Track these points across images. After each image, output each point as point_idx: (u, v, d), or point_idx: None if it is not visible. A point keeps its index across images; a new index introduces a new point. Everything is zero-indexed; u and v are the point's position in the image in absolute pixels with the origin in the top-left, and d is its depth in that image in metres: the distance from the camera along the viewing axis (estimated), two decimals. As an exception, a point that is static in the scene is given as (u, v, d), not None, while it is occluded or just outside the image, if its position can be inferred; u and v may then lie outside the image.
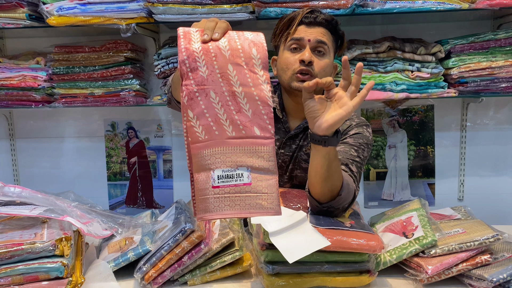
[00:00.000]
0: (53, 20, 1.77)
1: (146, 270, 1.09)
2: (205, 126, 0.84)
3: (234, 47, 0.85)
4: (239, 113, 0.85)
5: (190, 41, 0.85)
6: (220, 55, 0.84)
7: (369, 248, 1.03)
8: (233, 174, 0.84)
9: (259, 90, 0.85)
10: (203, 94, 0.84)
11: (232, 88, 0.84)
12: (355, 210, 1.25)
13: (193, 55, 0.84)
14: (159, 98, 1.94)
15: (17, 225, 1.12)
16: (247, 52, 0.85)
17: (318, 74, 1.28)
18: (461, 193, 2.18)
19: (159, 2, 1.71)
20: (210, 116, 0.84)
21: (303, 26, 1.29)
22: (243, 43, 0.86)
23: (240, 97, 0.85)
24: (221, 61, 0.84)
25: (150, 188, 2.30)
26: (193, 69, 0.84)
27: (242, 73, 0.85)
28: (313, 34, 1.27)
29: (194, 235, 1.09)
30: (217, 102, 0.84)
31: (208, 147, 0.84)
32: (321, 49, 1.29)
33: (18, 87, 1.97)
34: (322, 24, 1.29)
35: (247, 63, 0.85)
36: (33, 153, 2.32)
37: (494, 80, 1.79)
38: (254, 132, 0.85)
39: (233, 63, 0.84)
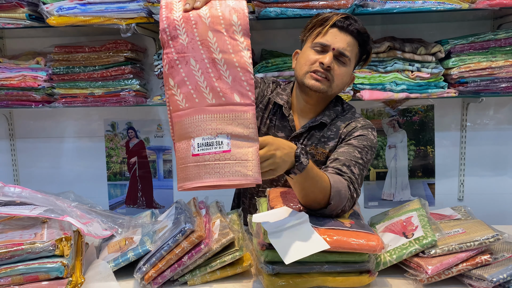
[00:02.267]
0: (53, 20, 1.77)
1: (146, 270, 1.09)
2: (185, 94, 0.84)
3: (215, 14, 0.84)
4: (219, 80, 0.83)
5: (171, 10, 0.86)
6: (201, 22, 0.85)
7: (369, 248, 1.03)
8: (212, 141, 0.84)
9: (239, 57, 0.84)
10: (183, 62, 0.84)
11: (212, 55, 0.83)
12: (355, 210, 1.25)
13: (174, 24, 0.85)
14: (159, 98, 1.94)
15: (17, 225, 1.12)
16: (228, 18, 0.84)
17: (334, 80, 1.29)
18: (461, 193, 2.18)
19: (159, 2, 1.71)
20: (191, 84, 0.84)
21: (335, 30, 1.28)
22: (224, 10, 0.84)
23: (220, 64, 0.84)
24: (201, 29, 0.83)
25: (150, 188, 2.30)
26: (173, 37, 0.85)
27: (222, 40, 0.83)
28: (339, 43, 1.27)
29: (194, 235, 1.09)
30: (197, 70, 0.83)
31: (189, 115, 0.84)
32: (343, 60, 1.29)
33: (18, 87, 1.97)
34: (353, 33, 1.28)
35: (227, 30, 0.84)
36: (33, 153, 2.32)
37: (494, 80, 1.80)
38: (234, 99, 0.84)
39: (213, 30, 0.83)
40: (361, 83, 1.82)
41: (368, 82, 1.81)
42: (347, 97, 1.82)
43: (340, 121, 1.38)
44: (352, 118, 1.39)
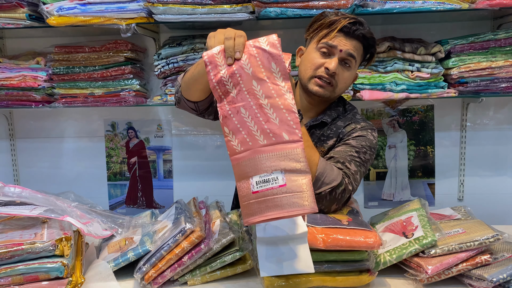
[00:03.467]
0: (53, 20, 1.77)
1: (146, 270, 1.09)
2: (240, 140, 0.95)
3: (255, 64, 0.95)
4: (268, 122, 0.94)
5: (216, 67, 0.96)
6: (244, 74, 0.95)
7: (367, 245, 1.04)
8: (269, 178, 0.92)
9: (283, 100, 0.95)
10: (235, 111, 0.95)
11: (258, 101, 0.95)
12: (354, 207, 1.25)
13: (222, 81, 0.96)
14: (159, 98, 1.94)
15: (17, 225, 1.12)
16: (267, 67, 0.95)
17: (338, 85, 1.31)
18: (461, 193, 2.18)
19: (159, 2, 1.71)
20: (243, 129, 0.95)
21: (341, 35, 1.27)
22: (262, 58, 0.95)
23: (267, 108, 0.95)
24: (246, 79, 0.95)
25: (150, 188, 2.30)
26: (224, 93, 0.96)
27: (266, 86, 0.95)
28: (346, 46, 1.27)
29: (193, 235, 1.09)
30: (248, 116, 0.95)
31: (245, 157, 0.94)
32: (348, 62, 1.29)
33: (18, 87, 1.97)
34: (359, 38, 1.28)
35: (269, 77, 0.95)
36: (33, 153, 2.33)
37: (494, 80, 1.80)
38: (283, 137, 0.93)
39: (256, 79, 0.95)
40: (361, 83, 1.82)
41: (368, 82, 1.81)
42: (347, 97, 1.82)
43: (341, 121, 1.38)
44: (352, 119, 1.40)
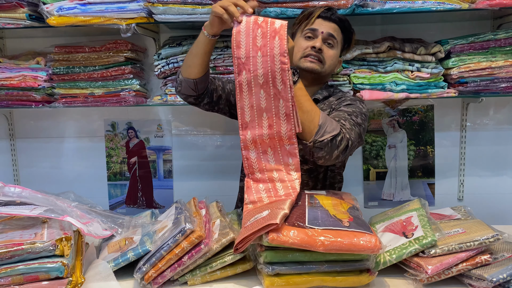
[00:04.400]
0: (53, 20, 1.77)
1: (146, 270, 1.09)
2: (251, 201, 1.26)
3: (277, 158, 1.27)
4: (276, 195, 1.24)
5: (248, 153, 1.27)
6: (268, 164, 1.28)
7: (367, 249, 1.03)
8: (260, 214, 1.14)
9: (292, 184, 1.24)
10: (256, 186, 1.28)
11: (274, 184, 1.26)
12: (354, 205, 1.25)
13: (251, 163, 1.28)
14: (159, 98, 1.94)
15: (17, 225, 1.12)
16: (286, 161, 1.25)
17: (326, 62, 1.48)
18: (461, 193, 2.18)
19: (159, 2, 1.71)
20: (256, 196, 1.26)
21: (320, 19, 1.48)
22: (283, 154, 1.25)
23: (279, 188, 1.25)
24: (269, 169, 1.28)
25: (150, 188, 2.30)
26: (251, 173, 1.29)
27: (282, 175, 1.26)
28: (326, 28, 1.47)
29: (193, 235, 1.09)
30: (263, 190, 1.26)
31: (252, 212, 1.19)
32: (331, 42, 1.48)
33: (18, 87, 1.97)
34: (336, 21, 1.48)
35: (285, 168, 1.26)
36: (33, 153, 2.33)
37: (494, 80, 1.79)
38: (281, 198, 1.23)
39: (276, 170, 1.27)
40: (361, 83, 1.82)
41: (368, 82, 1.81)
42: (347, 97, 1.82)
43: (332, 97, 1.54)
44: (343, 95, 1.55)
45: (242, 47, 1.21)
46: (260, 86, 1.20)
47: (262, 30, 1.20)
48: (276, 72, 1.18)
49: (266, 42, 1.19)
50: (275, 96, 1.20)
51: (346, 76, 1.82)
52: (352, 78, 1.82)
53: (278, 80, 1.18)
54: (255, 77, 1.20)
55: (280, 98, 1.19)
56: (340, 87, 1.80)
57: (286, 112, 1.20)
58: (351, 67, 1.82)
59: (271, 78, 1.19)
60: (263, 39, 1.19)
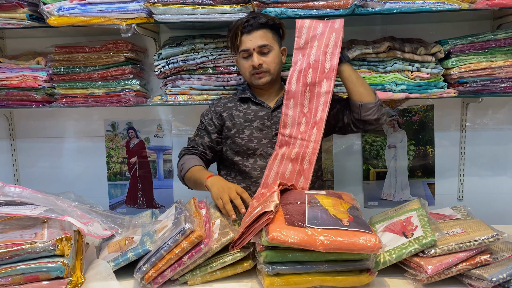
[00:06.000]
0: (54, 20, 1.78)
1: (146, 270, 1.09)
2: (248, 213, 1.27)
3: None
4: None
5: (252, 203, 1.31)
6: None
7: (367, 249, 1.04)
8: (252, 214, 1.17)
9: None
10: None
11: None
12: (354, 204, 1.25)
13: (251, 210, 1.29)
14: (159, 98, 1.94)
15: (17, 225, 1.12)
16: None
17: (270, 68, 1.59)
18: (461, 193, 2.18)
19: (159, 2, 1.71)
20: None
21: (245, 35, 1.57)
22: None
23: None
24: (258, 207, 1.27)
25: (150, 188, 2.30)
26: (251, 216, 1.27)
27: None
28: (253, 41, 1.56)
29: (193, 235, 1.09)
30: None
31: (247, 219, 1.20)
32: (266, 50, 1.57)
33: (18, 87, 1.98)
34: (259, 27, 1.56)
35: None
36: (33, 153, 2.33)
37: (493, 80, 1.80)
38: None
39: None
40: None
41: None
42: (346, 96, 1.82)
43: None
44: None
45: (288, 128, 1.56)
46: (291, 160, 1.53)
47: (306, 119, 1.53)
48: (306, 154, 1.51)
49: (306, 130, 1.52)
50: (299, 172, 1.52)
51: (346, 76, 1.82)
52: (352, 78, 1.81)
53: (306, 161, 1.51)
54: (290, 152, 1.53)
55: (302, 175, 1.52)
56: (340, 87, 1.81)
57: (303, 187, 1.50)
58: (351, 67, 1.82)
59: (301, 158, 1.51)
60: (305, 126, 1.53)
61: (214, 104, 1.73)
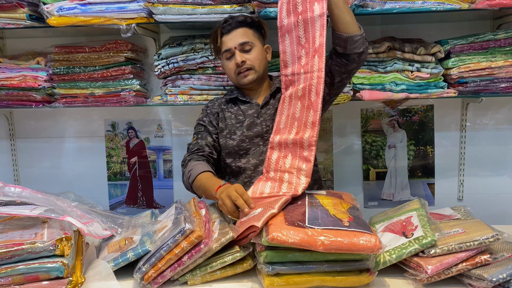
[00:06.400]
0: (54, 20, 1.78)
1: (145, 270, 1.09)
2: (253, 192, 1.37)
3: (293, 163, 1.36)
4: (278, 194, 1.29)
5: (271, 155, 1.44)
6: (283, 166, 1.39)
7: (367, 249, 1.04)
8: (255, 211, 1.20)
9: (296, 187, 1.30)
10: (265, 181, 1.41)
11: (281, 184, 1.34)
12: (354, 205, 1.25)
13: (270, 163, 1.44)
14: (159, 98, 1.94)
15: (17, 225, 1.12)
16: (299, 166, 1.32)
17: (254, 64, 1.57)
18: (461, 193, 2.18)
19: (159, 2, 1.71)
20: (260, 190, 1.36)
21: (225, 36, 1.57)
22: (300, 160, 1.33)
23: (284, 188, 1.32)
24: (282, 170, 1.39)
25: (150, 188, 2.30)
26: (267, 171, 1.42)
27: (291, 178, 1.34)
28: (234, 39, 1.55)
29: (193, 235, 1.09)
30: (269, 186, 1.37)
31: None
32: (247, 47, 1.56)
33: (18, 87, 1.98)
34: (238, 26, 1.56)
35: (297, 172, 1.33)
36: (33, 153, 2.33)
37: (493, 80, 1.80)
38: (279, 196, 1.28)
39: (288, 172, 1.36)
40: (361, 83, 1.82)
41: (368, 82, 1.81)
42: (346, 97, 1.82)
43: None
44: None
45: (289, 67, 1.45)
46: (299, 98, 1.39)
47: (305, 51, 1.39)
48: (312, 86, 1.34)
49: (308, 61, 1.38)
50: (308, 107, 1.35)
51: (346, 76, 1.82)
52: (352, 78, 1.81)
53: (313, 93, 1.34)
54: (297, 91, 1.40)
55: (311, 108, 1.34)
56: (340, 87, 1.80)
57: (313, 120, 1.32)
58: (351, 67, 1.82)
59: (308, 92, 1.35)
60: (306, 58, 1.39)
61: (209, 106, 1.70)
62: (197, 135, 1.65)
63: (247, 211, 1.19)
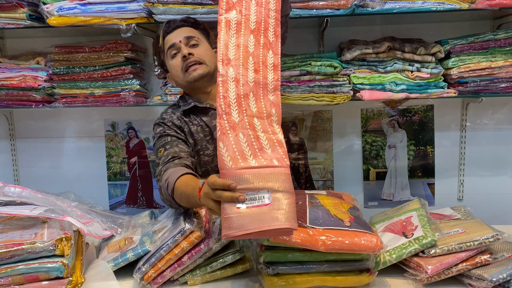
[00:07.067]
0: (54, 20, 1.78)
1: (145, 270, 1.09)
2: (232, 157, 1.01)
3: (260, 108, 1.09)
4: (261, 150, 1.03)
5: (227, 90, 1.08)
6: (249, 110, 1.08)
7: (368, 249, 1.04)
8: (255, 196, 0.96)
9: (276, 137, 1.06)
10: (233, 133, 1.04)
11: (256, 133, 1.06)
12: (354, 205, 1.25)
13: (228, 104, 1.07)
14: (159, 98, 1.94)
15: (17, 225, 1.12)
16: (268, 110, 1.10)
17: (204, 59, 1.44)
18: (461, 193, 2.18)
19: (159, 2, 1.71)
20: (237, 150, 1.02)
21: (168, 35, 1.48)
22: (266, 103, 1.10)
23: (262, 139, 1.05)
24: (249, 114, 1.08)
25: (150, 188, 2.30)
26: (227, 113, 1.06)
27: (264, 125, 1.07)
28: (178, 35, 1.46)
29: (193, 236, 1.09)
30: (244, 142, 1.04)
31: (234, 174, 0.99)
32: (193, 42, 1.46)
33: (18, 87, 1.97)
34: (181, 25, 1.49)
35: (267, 118, 1.09)
36: (33, 153, 2.33)
37: (493, 80, 1.80)
38: (273, 163, 1.01)
39: (258, 117, 1.08)
40: (361, 83, 1.82)
41: (368, 82, 1.81)
42: (346, 97, 1.82)
43: None
44: None
45: None
46: (251, 32, 1.15)
47: None
48: (269, 24, 1.16)
49: None
50: (265, 45, 1.15)
51: (346, 76, 1.82)
52: (352, 78, 1.82)
53: (270, 32, 1.16)
54: (247, 20, 1.16)
55: (270, 49, 1.15)
56: (340, 87, 1.80)
57: (274, 63, 1.14)
58: (351, 67, 1.82)
59: (263, 28, 1.15)
60: None
61: (166, 119, 1.48)
62: (164, 147, 1.38)
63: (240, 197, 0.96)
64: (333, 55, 1.83)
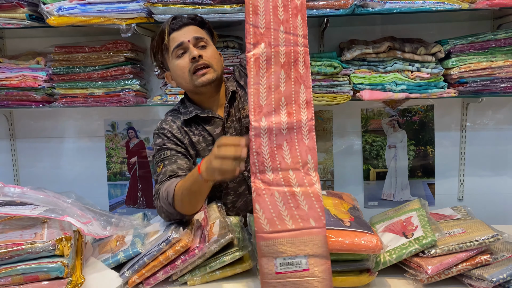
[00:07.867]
0: (53, 20, 1.77)
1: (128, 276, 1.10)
2: (269, 219, 1.01)
3: (294, 155, 1.04)
4: (298, 208, 1.01)
5: (260, 145, 1.03)
6: (283, 162, 1.04)
7: (368, 249, 1.04)
8: (293, 261, 0.99)
9: (313, 189, 1.03)
10: (269, 193, 1.02)
11: (292, 189, 1.03)
12: (354, 205, 1.25)
13: (263, 161, 1.03)
14: (159, 98, 1.94)
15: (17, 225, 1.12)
16: (304, 158, 1.04)
17: (211, 63, 1.36)
18: (461, 193, 2.18)
19: (159, 2, 1.71)
20: (274, 211, 1.01)
21: (174, 33, 1.37)
22: (301, 150, 1.04)
23: (298, 196, 1.02)
24: (284, 168, 1.04)
25: (150, 188, 2.30)
26: (261, 172, 1.03)
27: (300, 176, 1.03)
28: (186, 34, 1.36)
29: (179, 244, 1.10)
30: (280, 201, 1.02)
31: (272, 238, 1.00)
32: (202, 43, 1.38)
33: (18, 87, 1.97)
34: (189, 23, 1.39)
35: (303, 167, 1.04)
36: (33, 153, 2.33)
37: (494, 80, 1.79)
38: (310, 223, 1.00)
39: (293, 169, 1.04)
40: (361, 83, 1.82)
41: (368, 82, 1.81)
42: (346, 97, 1.82)
43: (236, 74, 1.51)
44: (235, 69, 1.54)
45: (260, 14, 1.07)
46: (281, 66, 1.06)
47: (283, 2, 1.08)
48: (299, 54, 1.07)
49: (288, 18, 1.08)
50: (296, 80, 1.07)
51: (346, 76, 1.82)
52: (352, 78, 1.82)
53: (300, 63, 1.07)
54: (276, 54, 1.06)
55: (301, 83, 1.07)
56: (340, 87, 1.80)
57: (307, 99, 1.06)
58: (351, 67, 1.82)
59: (293, 59, 1.07)
60: (285, 12, 1.08)
61: (166, 129, 1.43)
62: (163, 162, 1.34)
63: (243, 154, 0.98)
64: (333, 55, 1.83)
